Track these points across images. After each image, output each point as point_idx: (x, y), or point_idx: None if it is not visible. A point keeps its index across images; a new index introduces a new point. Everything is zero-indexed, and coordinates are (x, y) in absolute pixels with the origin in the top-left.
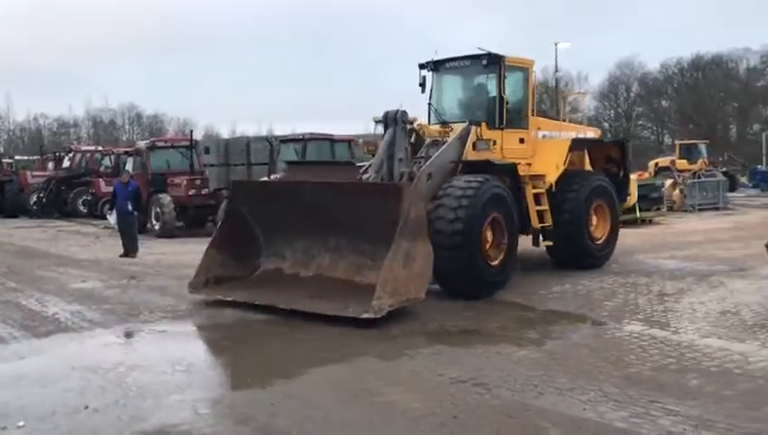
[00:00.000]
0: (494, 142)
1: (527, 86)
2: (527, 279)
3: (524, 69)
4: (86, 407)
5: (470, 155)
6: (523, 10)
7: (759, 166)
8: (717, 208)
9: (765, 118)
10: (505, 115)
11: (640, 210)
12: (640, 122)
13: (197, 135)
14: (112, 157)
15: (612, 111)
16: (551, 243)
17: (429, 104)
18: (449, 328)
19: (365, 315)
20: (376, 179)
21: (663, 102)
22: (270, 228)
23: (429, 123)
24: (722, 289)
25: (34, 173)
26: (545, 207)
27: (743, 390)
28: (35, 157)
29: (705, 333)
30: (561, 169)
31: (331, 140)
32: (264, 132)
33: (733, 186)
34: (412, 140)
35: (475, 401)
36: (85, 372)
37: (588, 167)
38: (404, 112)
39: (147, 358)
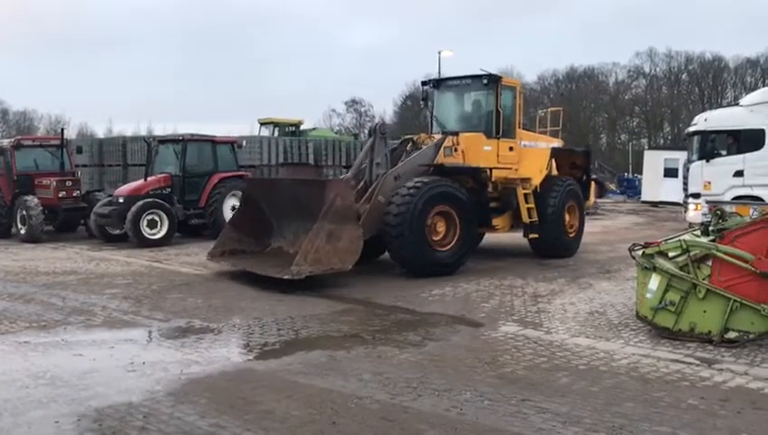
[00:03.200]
0: (455, 149)
1: (515, 102)
2: (408, 283)
3: (513, 88)
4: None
5: (445, 160)
6: (411, 17)
7: (626, 174)
8: (588, 213)
9: (631, 129)
10: (501, 127)
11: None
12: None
13: (71, 133)
14: None
15: None
16: (537, 235)
17: (432, 116)
18: (330, 332)
19: (286, 276)
20: (351, 180)
21: (539, 112)
22: (277, 215)
23: (431, 133)
24: (590, 290)
25: None
26: (532, 205)
27: (608, 386)
28: None
29: (574, 333)
30: (545, 173)
31: (212, 142)
32: (142, 132)
33: (602, 192)
34: (408, 147)
35: (355, 406)
36: None
37: (554, 172)
38: (383, 124)
39: (5, 371)
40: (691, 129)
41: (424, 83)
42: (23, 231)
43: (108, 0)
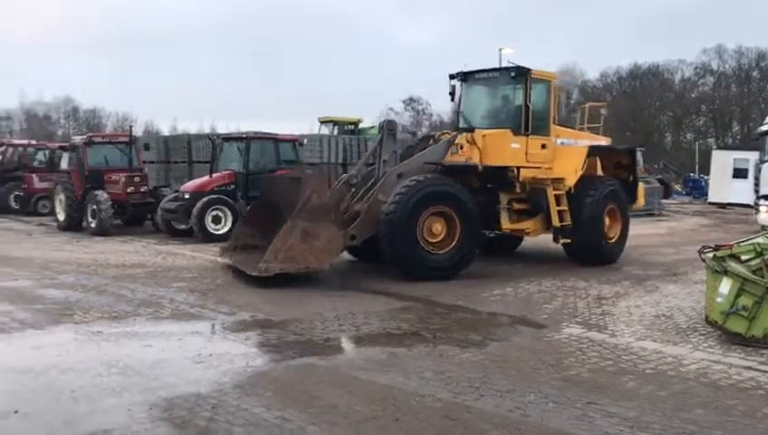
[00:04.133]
0: (462, 147)
1: (549, 97)
2: (469, 282)
3: (547, 82)
4: (16, 411)
5: (453, 158)
6: (469, 13)
7: (692, 174)
8: (652, 214)
9: (698, 128)
10: (530, 123)
11: None
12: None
13: (137, 131)
14: (46, 152)
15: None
16: (569, 241)
17: (458, 112)
18: (390, 330)
19: (254, 273)
20: (354, 177)
21: (601, 110)
22: (288, 212)
23: (459, 129)
24: (656, 293)
25: None
26: (565, 207)
27: (676, 391)
28: None
29: (640, 336)
30: (579, 173)
31: (275, 140)
32: (205, 130)
33: (667, 193)
34: (429, 144)
35: (417, 404)
36: (15, 375)
37: (599, 172)
38: (390, 121)
39: (80, 360)
40: (763, 128)
41: (452, 76)
42: (93, 225)
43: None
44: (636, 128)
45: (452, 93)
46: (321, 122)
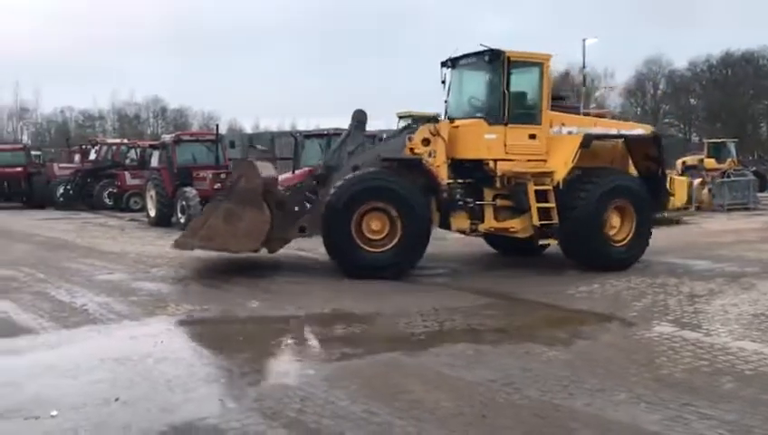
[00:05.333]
0: (426, 140)
1: (541, 81)
2: (554, 279)
3: (538, 64)
4: (116, 399)
5: (421, 150)
6: (552, 4)
7: None
8: (747, 208)
9: None
10: (510, 111)
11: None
12: (667, 120)
13: (222, 129)
14: (138, 150)
15: (639, 109)
16: (554, 241)
17: (446, 101)
18: (475, 326)
19: (172, 248)
20: (321, 168)
21: (691, 100)
22: None
23: (446, 120)
24: (754, 291)
25: (61, 165)
26: (550, 204)
27: None
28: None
29: (738, 336)
30: (570, 165)
31: None
32: (286, 127)
33: (763, 185)
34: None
35: (504, 401)
36: (114, 365)
37: (631, 166)
38: (359, 112)
39: (174, 350)
40: None
41: (443, 64)
42: (182, 220)
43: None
44: (728, 119)
45: (444, 82)
46: (400, 117)
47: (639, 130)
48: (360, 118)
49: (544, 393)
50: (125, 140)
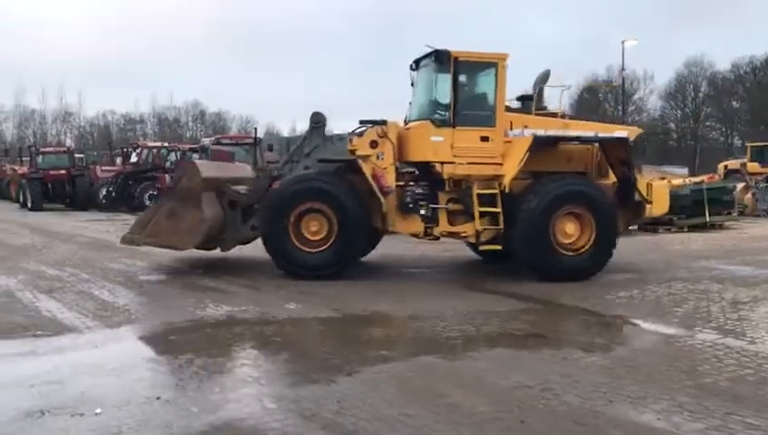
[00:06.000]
0: (374, 142)
1: (496, 82)
2: (592, 285)
3: (492, 64)
4: (158, 398)
5: (368, 153)
6: (591, 6)
7: None
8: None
9: None
10: (458, 112)
11: (710, 214)
12: (709, 123)
13: (259, 132)
14: (178, 153)
15: (679, 112)
16: (498, 247)
17: (410, 103)
18: (511, 331)
19: (121, 243)
20: (280, 170)
21: (733, 103)
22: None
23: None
24: None
25: (104, 168)
26: (495, 209)
27: None
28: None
29: None
30: (517, 169)
31: None
32: None
33: None
34: None
35: (543, 407)
36: (155, 364)
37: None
38: (316, 114)
39: (213, 350)
40: None
41: (410, 66)
42: None
43: (289, 3)
44: None
45: (412, 84)
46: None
47: (619, 132)
48: (317, 120)
49: (584, 400)
50: (165, 144)
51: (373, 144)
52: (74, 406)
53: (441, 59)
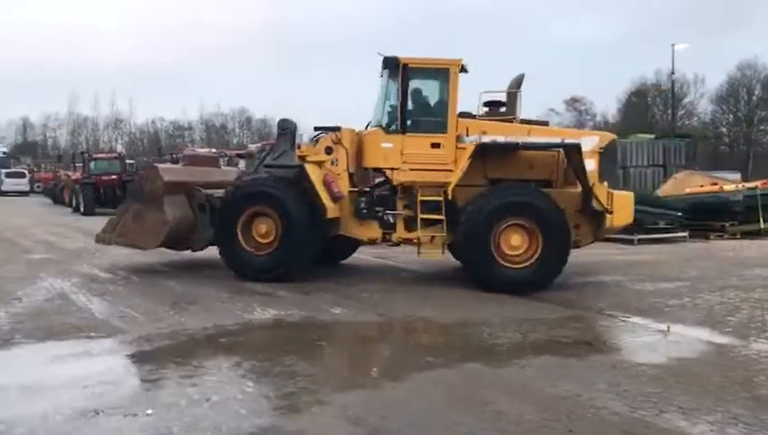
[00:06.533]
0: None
1: (448, 88)
2: (643, 292)
3: (443, 70)
4: (207, 399)
5: (323, 159)
6: (639, 9)
7: None
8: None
9: None
10: (408, 119)
11: (764, 221)
12: (763, 127)
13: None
14: (225, 158)
15: (731, 116)
16: (437, 255)
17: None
18: (558, 338)
19: (96, 242)
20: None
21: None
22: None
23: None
24: None
25: None
26: (438, 216)
27: None
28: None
29: None
30: (458, 176)
31: None
32: None
33: None
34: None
35: (592, 416)
36: (205, 366)
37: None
38: (283, 120)
39: (261, 354)
40: None
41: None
42: None
43: (334, 10)
44: None
45: None
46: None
47: (590, 138)
48: (284, 126)
49: (633, 410)
50: (213, 149)
51: (328, 150)
52: (127, 406)
53: (390, 66)
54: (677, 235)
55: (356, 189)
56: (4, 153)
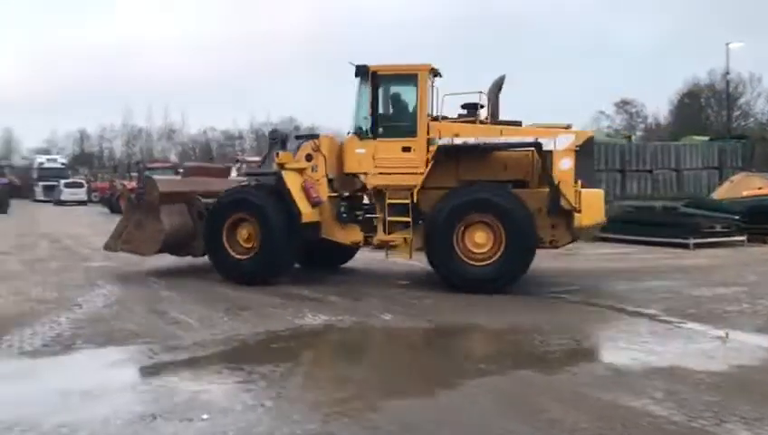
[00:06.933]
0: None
1: (417, 93)
2: (702, 297)
3: (412, 76)
4: (261, 404)
5: (303, 165)
6: (692, 8)
7: None
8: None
9: None
10: (379, 124)
11: None
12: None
13: None
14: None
15: None
16: (405, 256)
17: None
18: (611, 345)
19: (103, 249)
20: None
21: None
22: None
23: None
24: None
25: None
26: (405, 218)
27: None
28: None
29: None
30: (421, 178)
31: None
32: None
33: None
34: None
35: (648, 425)
36: (258, 372)
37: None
38: (273, 131)
39: (313, 360)
40: None
41: None
42: None
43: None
44: None
45: None
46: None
47: (565, 136)
48: (273, 136)
49: (692, 419)
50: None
51: (308, 157)
52: (183, 411)
53: (361, 74)
54: (735, 239)
55: (336, 194)
56: (63, 164)
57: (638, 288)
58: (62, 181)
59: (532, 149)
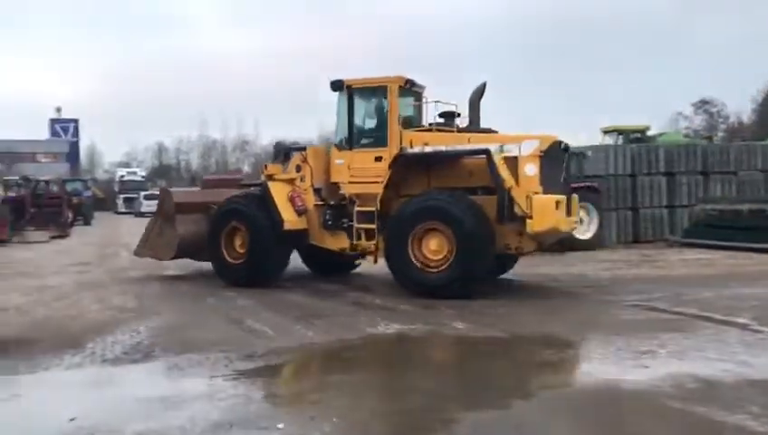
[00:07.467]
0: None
1: (387, 104)
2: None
3: (383, 88)
4: (335, 415)
5: (293, 176)
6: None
7: None
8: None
9: None
10: (354, 136)
11: None
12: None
13: None
14: None
15: None
16: (358, 263)
17: None
18: (697, 355)
19: (134, 255)
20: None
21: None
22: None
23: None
24: None
25: None
26: (370, 225)
27: None
28: None
29: None
30: (382, 186)
31: None
32: None
33: None
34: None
35: None
36: (332, 383)
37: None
38: (277, 144)
39: (384, 369)
40: None
41: None
42: None
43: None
44: None
45: None
46: (605, 132)
47: (529, 142)
48: (278, 148)
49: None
50: None
51: (298, 168)
52: (258, 420)
53: (336, 88)
54: None
55: (323, 203)
56: (143, 177)
57: (724, 295)
58: (142, 193)
59: (484, 156)
